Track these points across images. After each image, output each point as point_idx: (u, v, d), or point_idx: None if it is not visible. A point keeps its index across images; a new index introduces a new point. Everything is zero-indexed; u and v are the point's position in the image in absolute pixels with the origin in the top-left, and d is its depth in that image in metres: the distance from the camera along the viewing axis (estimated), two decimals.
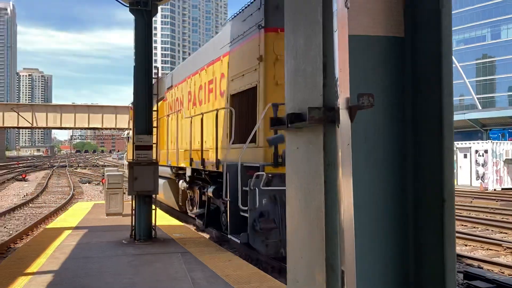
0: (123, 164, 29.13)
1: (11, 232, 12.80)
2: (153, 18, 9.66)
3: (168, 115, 14.76)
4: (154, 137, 9.35)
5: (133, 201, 9.20)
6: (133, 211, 9.17)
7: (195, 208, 11.97)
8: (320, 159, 1.21)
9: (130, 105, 25.64)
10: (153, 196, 9.38)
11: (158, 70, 9.89)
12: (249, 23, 9.35)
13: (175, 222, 12.46)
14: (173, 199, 14.11)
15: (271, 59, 8.81)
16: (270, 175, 8.20)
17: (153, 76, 9.48)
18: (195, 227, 12.23)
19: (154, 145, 9.35)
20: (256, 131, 8.73)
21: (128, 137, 25.67)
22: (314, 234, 1.26)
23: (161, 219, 11.85)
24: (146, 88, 9.25)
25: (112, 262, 7.36)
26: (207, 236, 11.52)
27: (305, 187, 1.33)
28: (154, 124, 9.61)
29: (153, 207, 9.40)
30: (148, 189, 9.00)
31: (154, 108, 9.73)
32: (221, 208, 9.91)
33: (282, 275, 8.06)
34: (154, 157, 9.33)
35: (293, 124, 1.31)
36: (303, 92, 1.34)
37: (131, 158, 20.64)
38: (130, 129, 24.31)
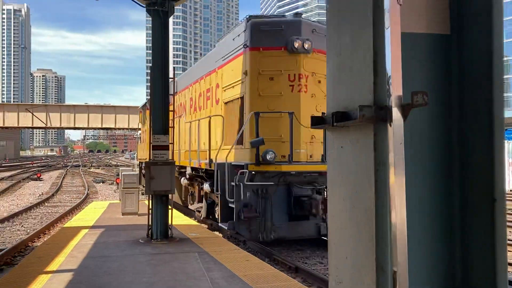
0: (135, 164, 30.86)
1: (28, 231, 12.94)
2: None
3: (172, 119, 16.64)
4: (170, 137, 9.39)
5: (150, 201, 9.25)
6: (150, 211, 9.21)
7: (195, 202, 13.40)
8: (370, 158, 1.19)
9: (140, 108, 27.07)
10: (170, 195, 9.41)
11: (174, 70, 9.92)
12: (238, 42, 10.76)
13: (190, 221, 12.49)
14: (177, 194, 15.78)
15: (254, 74, 10.13)
16: (253, 172, 9.50)
17: (170, 76, 9.50)
18: (195, 219, 12.97)
19: (170, 145, 9.38)
20: (242, 135, 10.14)
21: (139, 137, 26.88)
22: (362, 234, 1.24)
23: (176, 218, 11.89)
24: (162, 88, 9.28)
25: (130, 261, 7.40)
26: (218, 233, 11.57)
27: (351, 186, 1.31)
28: (171, 124, 9.64)
29: (169, 206, 9.43)
30: (165, 188, 9.03)
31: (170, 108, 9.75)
32: (215, 201, 11.00)
33: (299, 275, 8.06)
34: (170, 157, 9.36)
35: (339, 122, 1.30)
36: (348, 91, 1.32)
37: (142, 157, 22.06)
38: (140, 129, 25.38)
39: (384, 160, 1.15)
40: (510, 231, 12.94)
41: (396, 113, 1.12)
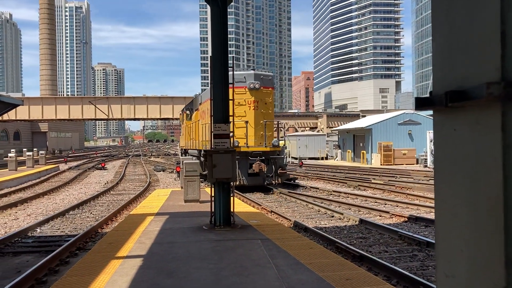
0: (178, 150, 41.93)
1: (97, 217, 13.56)
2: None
3: (198, 120, 24.11)
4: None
5: (213, 188, 9.37)
6: (213, 198, 9.33)
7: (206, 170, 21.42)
8: (495, 140, 1.07)
9: (180, 111, 35.11)
10: (232, 183, 9.48)
11: (234, 59, 9.92)
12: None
13: (250, 209, 12.60)
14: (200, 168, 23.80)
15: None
16: None
17: (229, 66, 9.51)
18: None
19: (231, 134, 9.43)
20: None
21: (181, 131, 36.31)
22: (485, 224, 1.12)
23: (237, 206, 12.02)
24: (222, 77, 9.32)
25: (196, 248, 7.54)
26: (279, 220, 11.57)
27: (468, 171, 1.19)
28: (230, 112, 9.68)
29: (231, 193, 9.51)
30: (227, 176, 9.11)
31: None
32: None
33: (365, 264, 7.89)
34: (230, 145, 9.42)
35: (454, 102, 1.18)
36: (464, 67, 1.20)
37: (182, 146, 32.65)
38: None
39: None
40: None
41: None
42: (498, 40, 1.05)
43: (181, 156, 30.83)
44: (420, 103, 1.35)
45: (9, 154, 31.03)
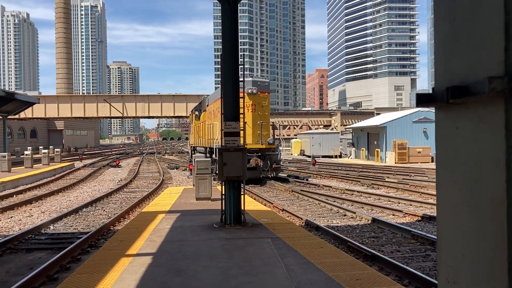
0: (188, 147, 42.76)
1: (109, 215, 13.64)
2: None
3: (205, 120, 26.93)
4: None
5: (223, 186, 9.34)
6: (223, 196, 9.30)
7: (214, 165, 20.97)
8: (499, 139, 1.00)
9: (190, 112, 38.83)
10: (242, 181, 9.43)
11: (244, 56, 9.86)
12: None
13: (261, 207, 12.54)
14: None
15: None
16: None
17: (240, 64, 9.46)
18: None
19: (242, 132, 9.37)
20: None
21: (190, 130, 39.76)
22: (488, 228, 1.05)
23: (248, 204, 11.99)
24: (233, 75, 9.27)
25: (206, 246, 7.52)
26: (291, 219, 11.51)
27: (470, 172, 1.12)
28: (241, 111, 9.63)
29: (242, 192, 9.47)
30: (237, 174, 9.07)
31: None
32: None
33: (376, 263, 7.79)
34: (241, 142, 9.36)
35: (456, 99, 1.11)
36: (466, 61, 1.13)
37: (191, 143, 36.14)
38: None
39: None
40: None
41: None
42: (501, 31, 0.98)
43: (191, 153, 33.67)
44: (421, 100, 1.28)
45: (25, 152, 31.44)
